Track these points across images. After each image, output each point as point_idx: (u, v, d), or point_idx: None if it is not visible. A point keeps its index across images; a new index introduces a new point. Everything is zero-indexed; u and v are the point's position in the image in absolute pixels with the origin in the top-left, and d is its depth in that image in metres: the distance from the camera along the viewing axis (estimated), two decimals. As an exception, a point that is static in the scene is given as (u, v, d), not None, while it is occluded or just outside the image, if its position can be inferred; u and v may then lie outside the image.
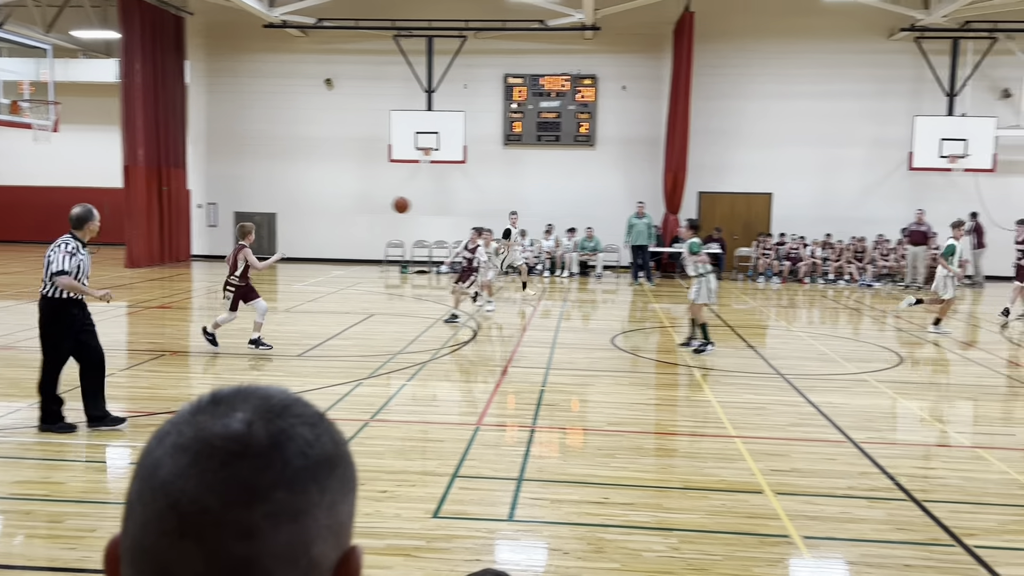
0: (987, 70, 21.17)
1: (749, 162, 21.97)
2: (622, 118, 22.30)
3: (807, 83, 21.54)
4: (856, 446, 6.85)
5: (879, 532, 5.07)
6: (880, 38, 21.29)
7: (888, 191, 21.72)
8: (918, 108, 21.15)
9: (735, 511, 5.37)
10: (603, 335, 12.35)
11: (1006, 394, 9.18)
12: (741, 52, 21.60)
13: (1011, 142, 21.02)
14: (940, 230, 20.58)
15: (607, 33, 21.47)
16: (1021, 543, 4.92)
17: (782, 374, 9.73)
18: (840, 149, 21.66)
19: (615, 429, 7.35)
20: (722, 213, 22.12)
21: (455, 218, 22.62)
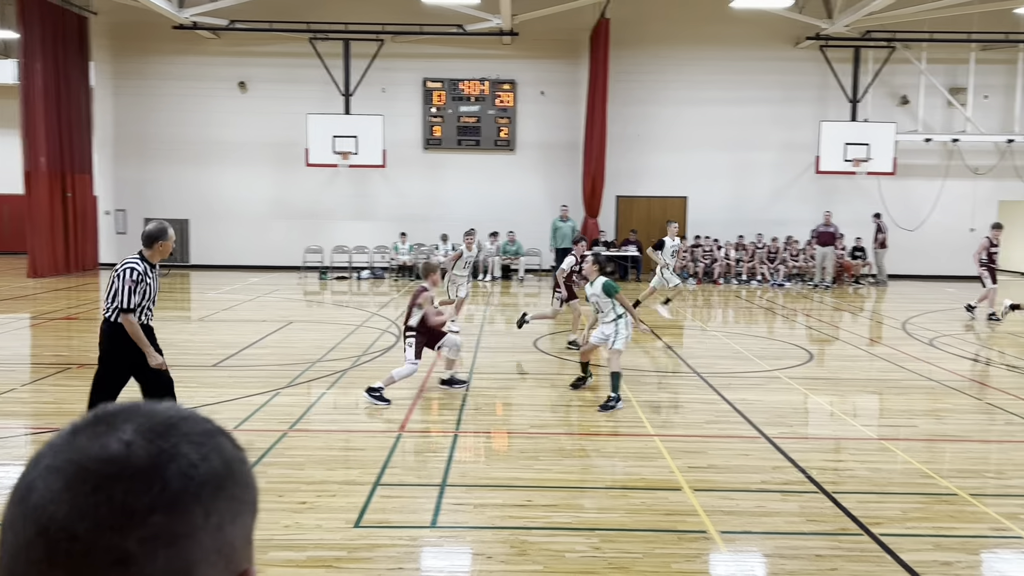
0: (887, 78, 22.18)
1: (664, 166, 22.46)
2: (541, 123, 22.49)
3: (719, 89, 22.15)
4: (770, 441, 7.07)
5: (792, 524, 5.24)
6: (787, 46, 22.07)
7: (797, 194, 22.51)
8: (824, 114, 22.01)
9: (654, 509, 5.46)
10: (526, 338, 12.41)
11: (908, 388, 9.61)
12: (656, 59, 22.07)
13: (910, 146, 22.08)
14: (846, 231, 21.48)
15: (525, 39, 21.63)
16: (923, 529, 5.15)
17: (699, 373, 9.96)
18: (751, 153, 22.35)
19: (538, 431, 7.40)
20: (639, 216, 22.54)
21: (375, 223, 22.42)
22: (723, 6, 19.45)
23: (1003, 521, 5.29)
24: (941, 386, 9.53)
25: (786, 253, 21.77)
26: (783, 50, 22.13)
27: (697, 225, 22.27)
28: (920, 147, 22.30)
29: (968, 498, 5.71)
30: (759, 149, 22.38)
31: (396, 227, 21.97)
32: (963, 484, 6.02)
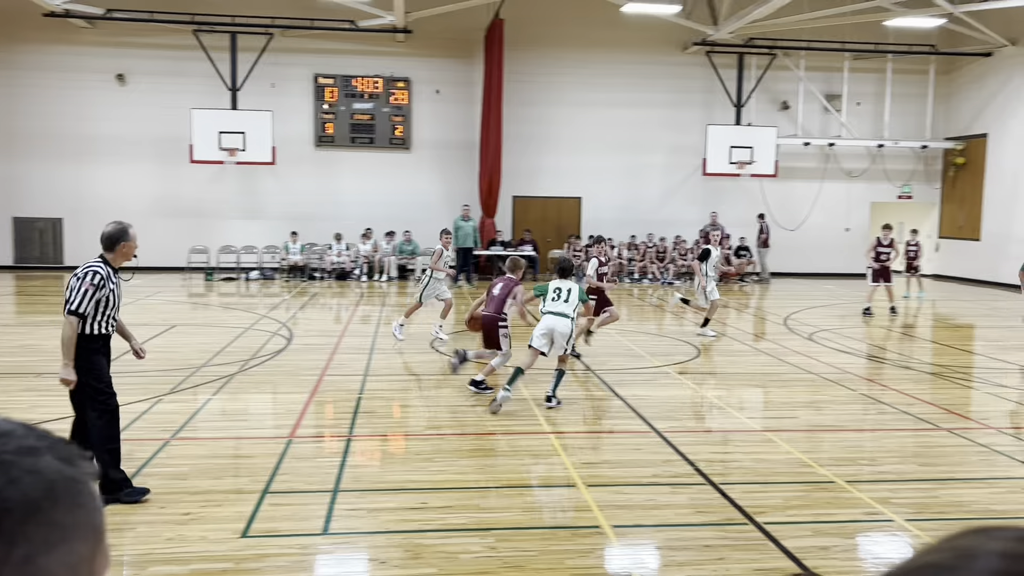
0: (769, 84, 23.14)
1: (559, 167, 22.73)
2: (437, 122, 22.38)
3: (612, 92, 22.59)
4: (660, 436, 7.24)
5: (682, 516, 5.37)
6: (676, 51, 22.72)
7: (685, 195, 23.21)
8: (710, 117, 22.77)
9: (550, 506, 5.50)
10: (422, 339, 12.30)
11: (790, 381, 10.04)
12: (550, 60, 22.31)
13: (790, 150, 23.11)
14: (732, 231, 22.30)
15: (419, 37, 21.47)
16: (803, 516, 5.38)
17: (592, 370, 10.11)
18: (642, 155, 22.90)
19: (434, 433, 7.34)
20: (535, 217, 22.74)
21: (265, 222, 21.77)
22: (614, 11, 19.84)
23: (875, 506, 5.58)
24: (820, 379, 10.00)
25: (675, 252, 22.42)
26: (672, 55, 22.76)
27: (591, 225, 22.63)
28: (800, 151, 23.38)
29: (844, 485, 5.99)
30: (650, 151, 22.94)
31: (287, 226, 21.39)
32: (840, 472, 6.32)
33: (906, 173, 24.11)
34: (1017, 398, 9.16)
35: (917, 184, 24.24)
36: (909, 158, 24.04)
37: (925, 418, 8.06)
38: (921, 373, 10.51)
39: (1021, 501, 5.75)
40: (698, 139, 22.38)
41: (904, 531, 5.19)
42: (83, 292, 5.42)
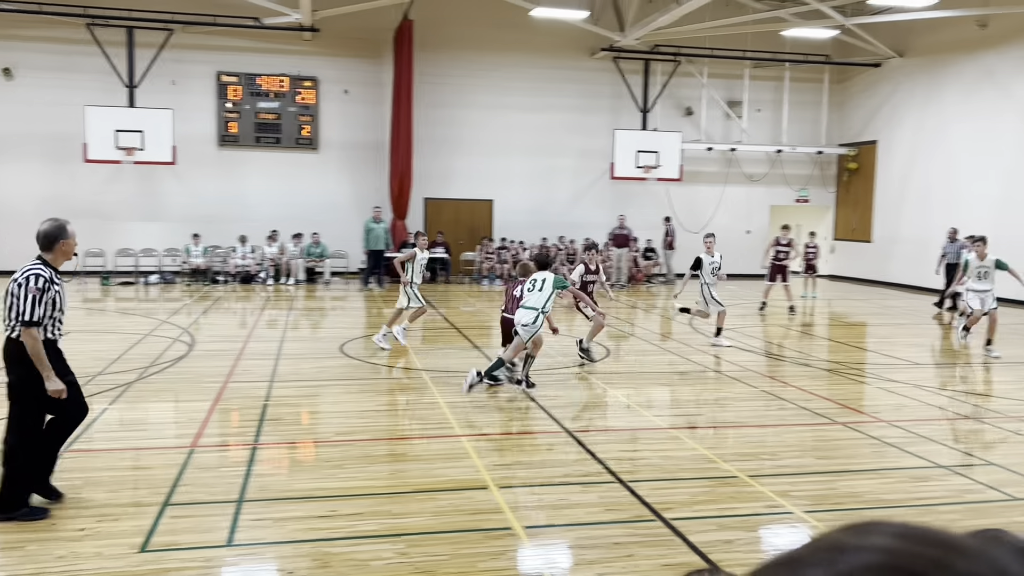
0: (674, 90, 23.75)
1: (471, 169, 22.74)
2: (346, 122, 22.05)
3: (522, 95, 22.75)
4: (571, 436, 7.31)
5: (592, 515, 5.43)
6: (584, 56, 23.05)
7: (594, 198, 23.56)
8: (617, 122, 23.19)
9: (461, 509, 5.48)
10: (332, 343, 12.09)
11: (695, 379, 10.32)
12: (461, 62, 22.29)
13: (694, 154, 23.76)
14: (639, 233, 22.77)
15: (327, 36, 21.12)
16: (708, 511, 5.52)
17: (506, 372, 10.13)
18: (552, 159, 23.14)
19: (344, 439, 7.21)
20: (447, 219, 22.68)
21: (165, 224, 21.00)
22: (524, 15, 19.98)
23: (776, 499, 5.78)
24: (724, 376, 10.31)
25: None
26: (580, 60, 23.09)
27: (503, 227, 22.73)
28: (703, 155, 24.07)
29: (747, 479, 6.19)
30: (559, 155, 23.20)
31: (188, 228, 20.68)
32: (743, 466, 6.52)
33: (803, 178, 25.13)
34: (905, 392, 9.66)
35: (813, 188, 25.29)
36: (806, 163, 25.07)
37: (822, 413, 8.41)
38: (818, 370, 10.95)
39: (909, 490, 6.06)
40: (606, 143, 22.75)
41: (803, 523, 5.39)
42: (30, 299, 5.12)
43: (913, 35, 21.77)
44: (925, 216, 21.32)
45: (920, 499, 5.85)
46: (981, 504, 5.79)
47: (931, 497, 5.90)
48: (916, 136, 21.97)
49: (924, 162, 21.68)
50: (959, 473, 6.47)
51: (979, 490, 6.08)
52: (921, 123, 21.78)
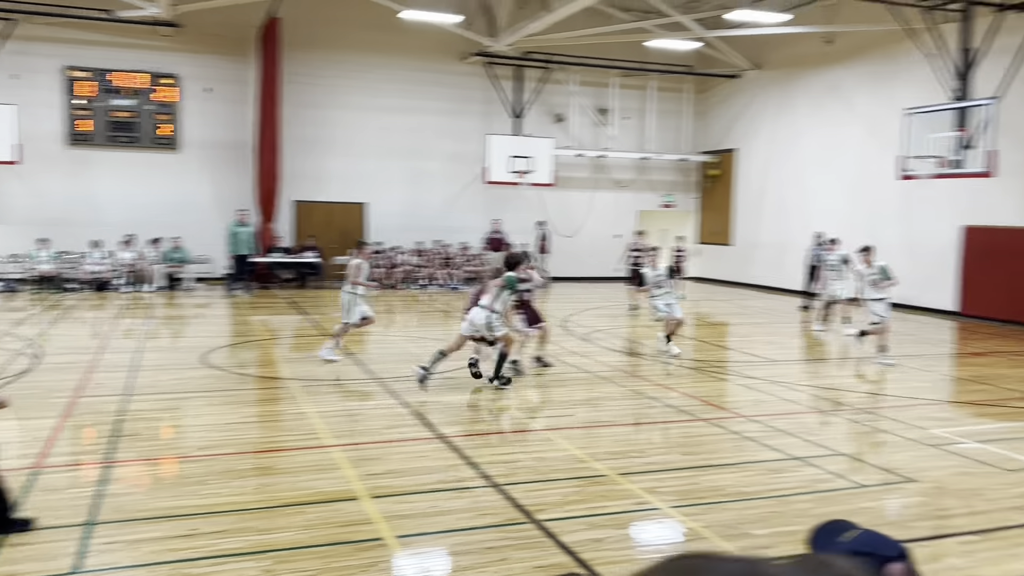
0: (545, 96, 24.12)
1: (343, 172, 22.31)
2: (209, 121, 21.17)
3: (394, 97, 22.53)
4: (445, 441, 7.26)
5: (465, 520, 5.41)
6: (455, 60, 23.07)
7: (467, 202, 23.61)
8: (490, 127, 23.33)
9: (331, 522, 5.33)
10: (194, 353, 11.55)
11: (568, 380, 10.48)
12: (331, 62, 21.84)
13: (566, 160, 24.22)
14: (514, 237, 22.98)
15: (189, 32, 20.23)
16: (579, 511, 5.60)
17: (379, 378, 9.98)
18: (424, 162, 23.03)
19: (206, 454, 6.88)
20: (319, 222, 22.14)
21: (8, 227, 19.51)
22: (393, 16, 19.78)
23: (644, 495, 5.94)
24: (595, 377, 10.52)
25: (461, 258, 22.75)
26: (452, 64, 23.09)
27: (377, 231, 22.42)
28: (574, 161, 24.57)
29: (617, 477, 6.32)
30: (432, 158, 23.12)
31: (34, 232, 19.27)
32: (613, 465, 6.66)
33: (669, 184, 26.09)
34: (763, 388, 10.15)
35: (678, 194, 26.30)
36: (671, 170, 26.04)
37: (687, 410, 8.72)
38: (683, 368, 11.36)
39: (766, 482, 6.36)
40: (479, 147, 22.85)
41: (669, 518, 5.56)
42: None
43: (767, 49, 23.01)
44: (781, 221, 22.57)
45: (776, 490, 6.15)
46: (830, 493, 6.14)
47: (786, 488, 6.21)
48: (771, 145, 23.23)
49: (778, 170, 22.95)
50: (811, 464, 6.84)
51: (829, 479, 6.45)
52: (775, 133, 23.05)
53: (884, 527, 5.37)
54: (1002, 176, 15.24)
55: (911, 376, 11.13)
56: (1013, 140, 15.49)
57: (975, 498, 6.06)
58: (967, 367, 11.92)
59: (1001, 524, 5.52)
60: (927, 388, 10.55)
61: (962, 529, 5.47)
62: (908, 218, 18.23)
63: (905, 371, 11.36)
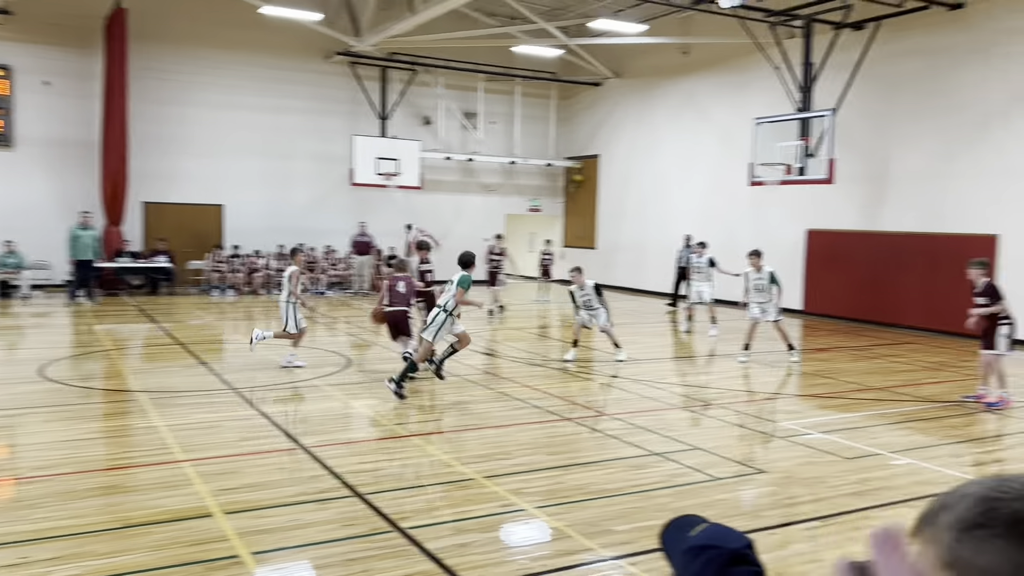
0: (412, 98, 23.94)
1: (199, 172, 21.31)
2: (48, 117, 19.70)
3: (254, 95, 21.74)
4: (307, 451, 7.02)
5: (326, 532, 5.22)
6: (319, 59, 22.52)
7: (334, 204, 23.09)
8: (356, 128, 22.91)
9: (181, 541, 5.01)
10: (30, 365, 10.68)
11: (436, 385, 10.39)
12: (185, 58, 20.82)
13: (434, 163, 24.12)
14: (381, 240, 22.64)
15: (24, 20, 18.77)
16: (445, 516, 5.52)
17: (235, 388, 9.55)
18: (288, 162, 22.34)
19: (42, 474, 6.35)
20: (171, 224, 21.03)
21: None
22: (253, 12, 19.09)
23: (510, 497, 5.93)
24: (463, 380, 10.48)
25: (326, 262, 22.20)
26: (315, 62, 22.53)
27: (235, 234, 21.54)
28: (442, 164, 24.50)
29: (483, 481, 6.29)
30: (296, 158, 22.47)
31: None
32: (479, 468, 6.63)
33: (535, 188, 26.46)
34: (625, 386, 10.42)
35: (545, 198, 26.72)
36: (537, 175, 26.42)
37: (553, 410, 8.81)
38: (550, 369, 11.51)
39: (628, 478, 6.50)
40: (345, 148, 22.40)
41: (534, 518, 5.57)
42: None
43: (628, 58, 23.75)
44: (642, 225, 23.33)
45: (638, 486, 6.29)
46: (688, 486, 6.35)
47: (648, 483, 6.37)
48: (632, 151, 23.98)
49: (639, 176, 23.71)
50: (670, 459, 7.06)
51: (687, 473, 6.67)
52: (636, 139, 23.81)
53: (737, 517, 5.61)
54: (841, 183, 16.34)
55: (763, 372, 11.72)
56: (850, 150, 16.65)
57: (819, 486, 6.41)
58: (811, 363, 12.68)
59: (842, 509, 5.86)
60: (777, 383, 11.15)
61: (807, 516, 5.78)
62: (759, 222, 19.23)
63: (758, 368, 11.95)
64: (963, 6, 15.27)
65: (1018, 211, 14.47)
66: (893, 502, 6.04)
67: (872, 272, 17.11)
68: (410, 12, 18.00)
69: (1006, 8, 14.61)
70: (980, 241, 14.87)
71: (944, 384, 10.89)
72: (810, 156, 15.69)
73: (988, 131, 14.93)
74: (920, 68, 16.06)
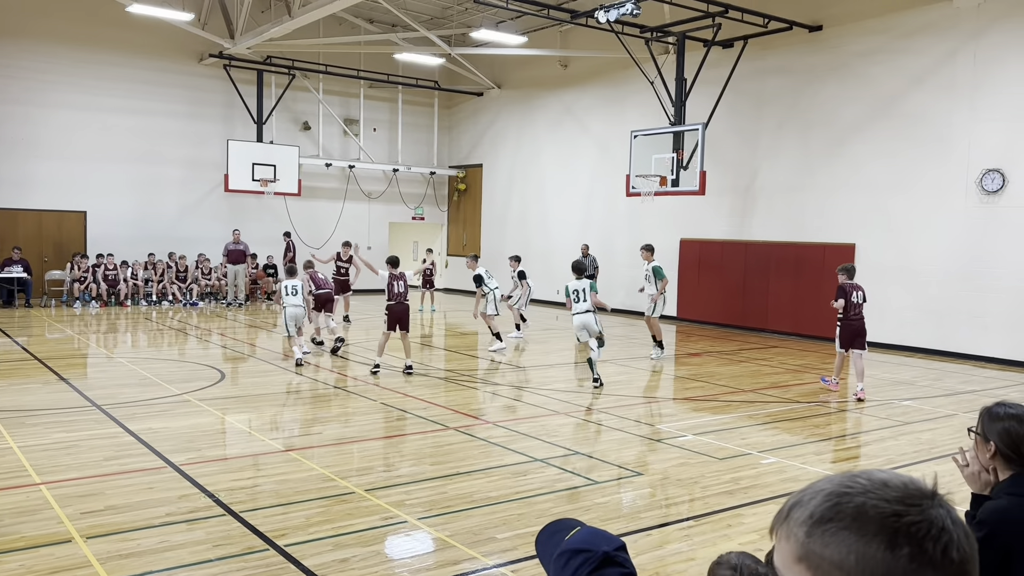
0: (290, 103, 23.37)
1: (58, 177, 20.06)
2: None
3: (120, 97, 20.68)
4: (177, 470, 6.69)
5: (197, 554, 4.98)
6: (192, 61, 21.68)
7: (207, 211, 22.24)
8: (231, 132, 22.17)
9: (36, 570, 4.67)
10: None
11: (317, 397, 10.14)
12: (40, 56, 19.58)
13: (313, 170, 23.61)
14: (258, 249, 21.96)
15: None
16: (324, 532, 5.38)
17: (98, 405, 9.02)
18: (157, 167, 21.35)
19: None
20: (27, 233, 19.71)
21: None
22: (120, 10, 18.16)
23: (392, 509, 5.85)
24: (345, 392, 10.28)
25: (198, 271, 21.33)
26: (188, 64, 21.67)
27: (99, 242, 20.38)
28: (322, 171, 24.02)
29: (364, 494, 6.17)
30: (166, 164, 21.50)
31: None
32: (360, 481, 6.50)
33: (419, 196, 26.33)
34: (508, 394, 10.49)
35: (428, 207, 26.62)
36: (420, 182, 26.30)
37: (437, 420, 8.76)
38: (435, 379, 11.44)
39: (511, 485, 6.53)
40: (219, 154, 21.64)
41: (417, 529, 5.51)
42: None
43: (508, 69, 24.01)
44: (525, 233, 23.58)
45: (520, 492, 6.33)
46: (570, 491, 6.44)
47: (530, 489, 6.42)
48: (514, 161, 24.24)
49: (521, 185, 23.99)
50: (552, 464, 7.14)
51: (568, 478, 6.76)
52: (518, 149, 24.08)
53: (617, 520, 5.73)
54: (711, 194, 17.05)
55: (640, 377, 12.06)
56: (720, 162, 17.40)
57: (693, 486, 6.64)
58: (685, 367, 13.15)
59: (715, 508, 6.09)
60: (653, 387, 11.49)
61: (682, 516, 5.96)
62: (635, 231, 19.81)
63: (634, 372, 12.29)
64: (821, 28, 16.27)
65: (872, 222, 15.50)
66: (763, 499, 6.32)
67: (741, 279, 17.93)
68: (288, 15, 17.57)
69: (860, 31, 15.66)
70: (840, 250, 15.84)
71: (808, 385, 11.51)
72: (683, 168, 16.30)
73: (845, 145, 15.94)
74: (783, 85, 16.99)
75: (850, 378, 11.27)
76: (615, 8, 14.91)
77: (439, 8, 22.22)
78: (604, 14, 15.13)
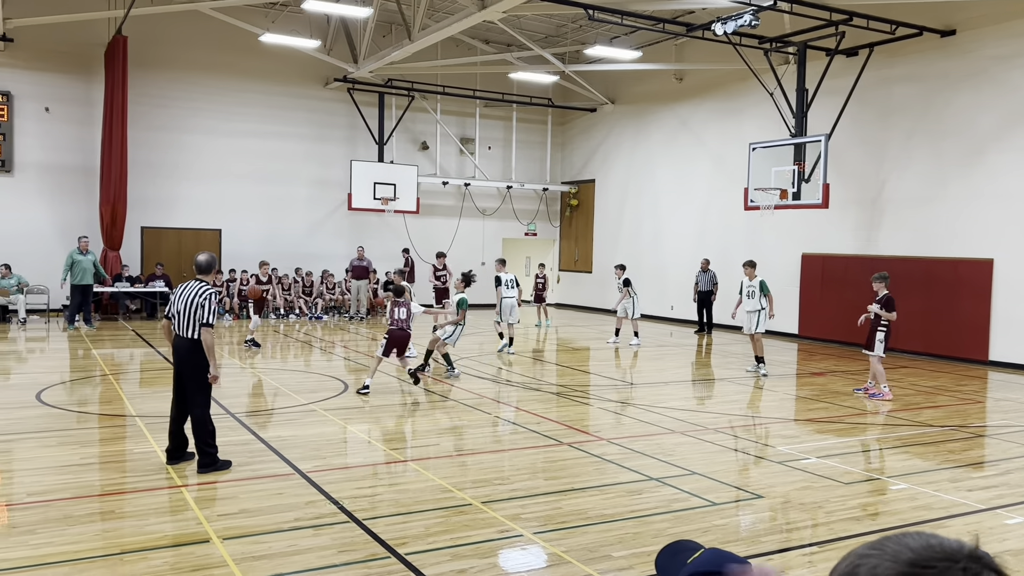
0: (409, 124, 24.12)
1: (197, 197, 21.41)
2: (48, 143, 19.82)
3: (252, 121, 21.89)
4: (304, 477, 7.01)
5: (324, 558, 5.21)
6: (318, 85, 22.72)
7: (331, 229, 23.19)
8: (354, 153, 23.07)
9: (179, 567, 5.00)
10: (27, 391, 10.67)
11: (433, 409, 10.38)
12: (184, 84, 20.99)
13: (430, 188, 24.25)
14: (378, 265, 22.70)
15: (25, 47, 18.95)
16: (442, 542, 5.52)
17: (232, 413, 9.54)
18: (286, 187, 22.45)
19: (40, 500, 6.34)
20: (169, 249, 21.10)
21: None
22: (253, 39, 19.29)
23: (508, 523, 5.93)
24: (460, 405, 10.48)
25: (323, 286, 22.24)
26: (314, 89, 22.72)
27: (233, 258, 21.58)
28: (439, 189, 24.63)
29: (480, 506, 6.29)
30: (293, 184, 22.58)
31: None
32: (476, 493, 6.62)
33: (531, 212, 26.58)
34: (621, 411, 10.43)
35: (540, 223, 26.84)
36: (533, 199, 26.56)
37: (550, 435, 8.81)
38: (547, 393, 11.51)
39: (627, 503, 6.50)
40: (343, 173, 22.54)
41: (532, 544, 5.56)
42: (214, 309, 7.13)
43: (622, 85, 23.97)
44: (636, 248, 23.42)
45: (636, 511, 6.29)
46: (686, 512, 6.34)
47: (645, 508, 6.37)
48: (627, 176, 24.13)
49: (635, 200, 23.85)
50: (667, 484, 7.06)
51: (684, 498, 6.66)
52: (631, 165, 23.96)
53: (736, 543, 5.61)
54: (835, 207, 16.45)
55: (759, 396, 11.74)
56: (842, 175, 16.78)
57: (817, 511, 6.42)
58: (807, 386, 12.70)
59: (840, 535, 5.87)
60: (774, 407, 11.16)
61: (805, 541, 5.77)
62: (753, 246, 19.32)
63: (755, 391, 11.97)
64: (955, 33, 15.48)
65: (1012, 235, 14.58)
66: (893, 527, 6.04)
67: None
68: (408, 39, 18.19)
69: (996, 35, 14.82)
70: (975, 265, 14.96)
71: (942, 408, 10.90)
72: (805, 181, 15.81)
73: (981, 155, 15.07)
74: (913, 93, 16.24)
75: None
76: (732, 20, 14.68)
77: (553, 26, 22.45)
78: (721, 26, 14.91)
